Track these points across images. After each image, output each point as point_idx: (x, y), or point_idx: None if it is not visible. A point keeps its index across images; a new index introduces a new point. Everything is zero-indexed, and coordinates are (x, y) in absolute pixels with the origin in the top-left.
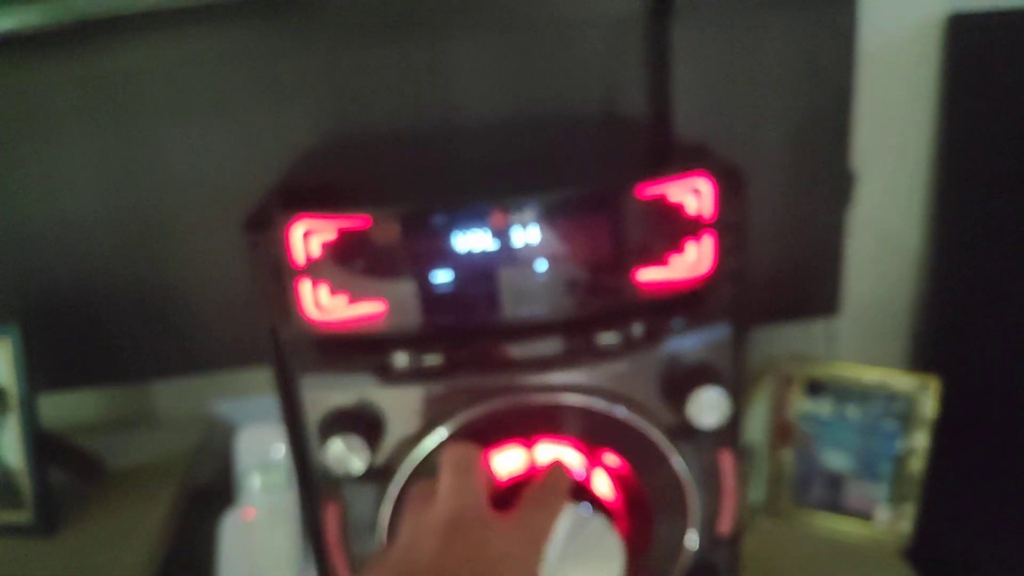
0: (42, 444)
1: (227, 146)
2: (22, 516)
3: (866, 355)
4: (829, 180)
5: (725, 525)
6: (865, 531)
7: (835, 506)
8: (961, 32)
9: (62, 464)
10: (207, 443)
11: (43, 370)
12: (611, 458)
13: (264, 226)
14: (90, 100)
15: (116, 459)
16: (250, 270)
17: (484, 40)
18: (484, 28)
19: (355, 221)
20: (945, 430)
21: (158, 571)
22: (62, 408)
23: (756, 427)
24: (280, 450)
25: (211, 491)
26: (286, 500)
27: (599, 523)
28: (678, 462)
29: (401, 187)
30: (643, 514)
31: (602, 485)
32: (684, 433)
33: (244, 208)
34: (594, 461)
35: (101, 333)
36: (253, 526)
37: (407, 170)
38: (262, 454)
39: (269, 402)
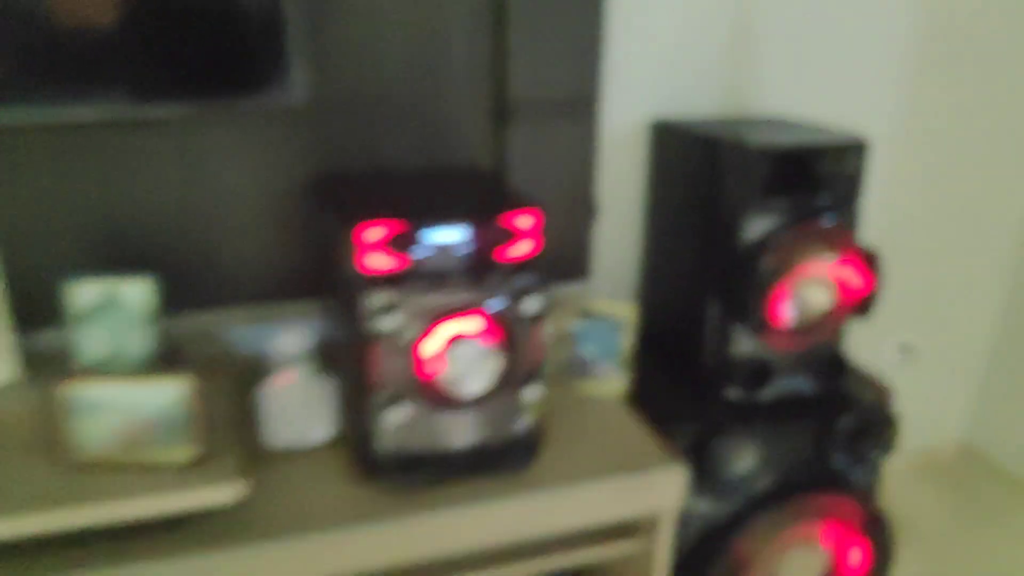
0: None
1: None
2: None
3: (611, 296)
4: (587, 209)
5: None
6: (605, 389)
7: (589, 376)
8: (660, 132)
9: None
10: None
11: None
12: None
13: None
14: None
15: None
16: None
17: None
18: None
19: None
20: (647, 334)
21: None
22: None
23: None
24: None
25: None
26: (312, 368)
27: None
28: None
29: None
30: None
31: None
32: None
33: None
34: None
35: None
36: (292, 387)
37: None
38: (295, 342)
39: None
